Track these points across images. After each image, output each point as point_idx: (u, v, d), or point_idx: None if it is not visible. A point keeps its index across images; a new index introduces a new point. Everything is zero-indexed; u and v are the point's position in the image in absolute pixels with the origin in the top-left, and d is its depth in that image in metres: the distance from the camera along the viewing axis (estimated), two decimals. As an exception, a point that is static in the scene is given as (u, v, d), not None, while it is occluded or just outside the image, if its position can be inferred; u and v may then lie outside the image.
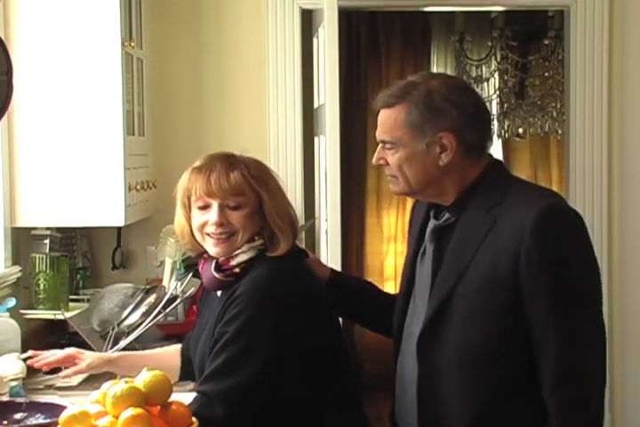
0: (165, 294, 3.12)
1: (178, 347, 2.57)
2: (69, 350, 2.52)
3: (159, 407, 1.94)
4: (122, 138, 3.21)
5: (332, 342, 2.22)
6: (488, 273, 1.99)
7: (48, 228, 3.34)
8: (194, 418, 1.96)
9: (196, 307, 3.40)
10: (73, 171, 3.19)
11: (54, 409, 2.09)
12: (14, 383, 2.61)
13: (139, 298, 3.13)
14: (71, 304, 3.30)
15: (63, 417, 1.90)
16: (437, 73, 2.23)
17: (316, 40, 3.97)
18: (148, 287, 3.22)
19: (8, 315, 2.90)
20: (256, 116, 3.83)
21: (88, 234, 3.73)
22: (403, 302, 2.21)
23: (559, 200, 2.07)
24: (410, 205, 6.87)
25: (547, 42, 5.50)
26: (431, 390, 2.06)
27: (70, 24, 3.18)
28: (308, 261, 2.35)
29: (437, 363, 2.05)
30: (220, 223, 2.19)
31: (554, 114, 5.63)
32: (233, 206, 2.19)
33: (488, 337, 2.00)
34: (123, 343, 2.96)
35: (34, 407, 2.18)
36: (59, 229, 3.43)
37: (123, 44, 3.22)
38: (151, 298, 3.13)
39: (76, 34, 3.18)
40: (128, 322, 3.06)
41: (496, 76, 5.89)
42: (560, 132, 5.54)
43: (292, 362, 2.12)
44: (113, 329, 3.01)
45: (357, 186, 6.37)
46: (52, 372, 3.00)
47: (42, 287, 3.18)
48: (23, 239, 3.33)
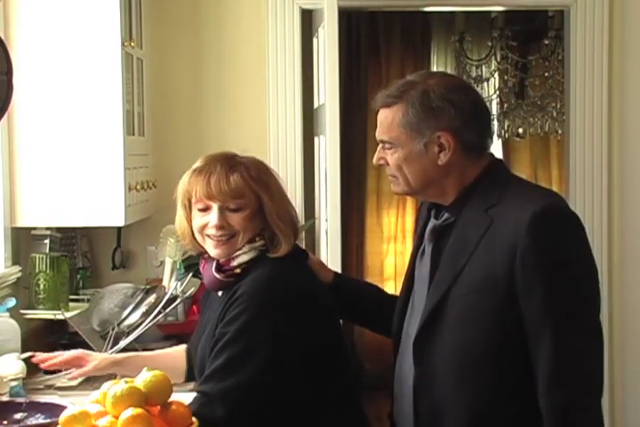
0: (165, 294, 3.12)
1: (184, 347, 2.57)
2: (76, 351, 2.52)
3: (159, 407, 1.94)
4: (122, 138, 3.21)
5: (332, 342, 2.22)
6: (484, 274, 1.98)
7: (48, 228, 3.34)
8: (194, 418, 1.96)
9: (196, 307, 3.40)
10: (73, 171, 3.19)
11: (54, 409, 2.09)
12: (14, 383, 2.60)
13: (139, 298, 3.13)
14: (71, 304, 3.30)
15: (63, 417, 1.90)
16: (436, 72, 2.21)
17: (315, 40, 3.97)
18: (147, 287, 3.21)
19: (8, 315, 2.90)
20: (256, 116, 3.83)
21: (88, 234, 3.73)
22: (402, 302, 2.21)
23: (556, 201, 2.04)
24: (410, 205, 6.97)
25: (547, 42, 5.50)
26: (427, 391, 2.05)
27: (70, 24, 3.17)
28: (310, 263, 2.35)
29: (433, 363, 2.04)
30: (221, 226, 2.19)
31: (554, 114, 5.63)
32: (233, 209, 2.19)
33: (484, 338, 1.98)
34: (123, 343, 2.96)
35: (34, 407, 2.18)
36: (59, 229, 3.43)
37: (123, 44, 3.21)
38: (151, 298, 3.12)
39: (76, 34, 3.18)
40: (128, 322, 3.06)
41: (496, 76, 5.89)
42: (560, 132, 5.54)
43: (292, 362, 2.12)
44: (113, 329, 3.01)
45: (357, 186, 6.37)
46: (52, 372, 3.00)
47: (42, 287, 3.18)
48: (23, 239, 3.33)
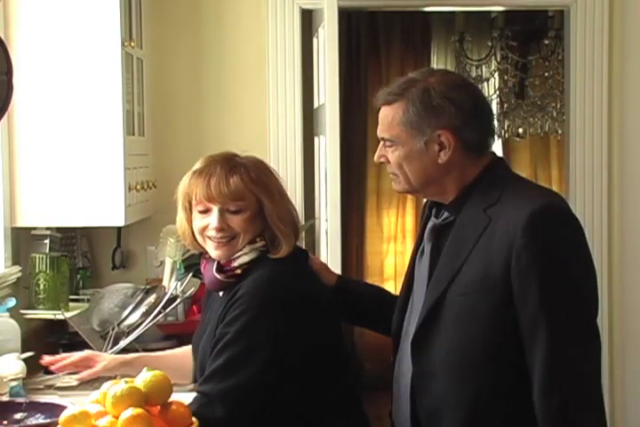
0: (165, 294, 3.12)
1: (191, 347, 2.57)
2: (84, 352, 2.52)
3: (159, 407, 1.94)
4: (122, 138, 3.21)
5: (333, 342, 2.22)
6: (481, 274, 1.97)
7: (48, 228, 3.34)
8: (194, 418, 1.96)
9: (196, 307, 3.40)
10: (73, 171, 3.19)
11: (54, 409, 2.09)
12: (14, 383, 2.60)
13: (139, 298, 3.13)
14: (71, 304, 3.29)
15: (63, 417, 1.90)
16: (437, 69, 2.18)
17: (315, 40, 3.97)
18: (148, 287, 3.21)
19: (8, 315, 2.89)
20: (256, 116, 3.83)
21: (88, 234, 3.73)
22: (402, 301, 2.21)
23: (556, 201, 2.03)
24: (410, 205, 6.96)
25: (547, 42, 5.50)
26: (424, 390, 2.05)
27: (70, 24, 3.17)
28: (313, 265, 2.35)
29: (431, 363, 2.03)
30: (221, 228, 2.19)
31: (554, 114, 5.63)
32: (233, 211, 2.19)
33: (481, 338, 1.97)
34: (123, 343, 2.96)
35: (34, 407, 2.18)
36: (59, 229, 3.43)
37: (123, 44, 3.21)
38: (151, 298, 3.12)
39: (76, 34, 3.18)
40: (128, 322, 3.06)
41: (496, 76, 5.89)
42: (560, 132, 5.54)
43: (292, 362, 2.12)
44: (113, 329, 3.01)
45: (357, 186, 6.37)
46: (52, 372, 3.00)
47: (42, 287, 3.18)
48: (23, 239, 3.33)
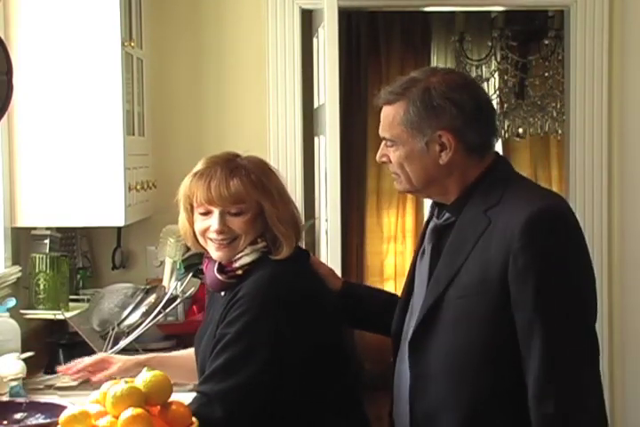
0: (165, 294, 3.12)
1: None
2: (99, 355, 2.53)
3: (159, 407, 1.94)
4: (122, 138, 3.21)
5: (333, 342, 2.22)
6: (479, 276, 1.95)
7: (48, 228, 3.34)
8: (194, 418, 1.96)
9: (196, 307, 3.41)
10: (73, 171, 3.19)
11: (54, 409, 2.09)
12: (14, 383, 2.61)
13: (139, 298, 3.13)
14: (71, 304, 3.29)
15: (63, 417, 1.90)
16: (440, 69, 2.14)
17: (315, 40, 3.97)
18: (148, 287, 3.21)
19: (8, 315, 2.90)
20: (256, 116, 3.83)
21: (88, 234, 3.73)
22: (403, 302, 2.20)
23: (554, 203, 2.00)
24: (410, 205, 6.95)
25: (547, 42, 5.50)
26: (422, 392, 2.04)
27: (70, 24, 3.17)
28: (319, 270, 2.35)
29: (428, 364, 2.02)
30: (221, 231, 2.19)
31: (554, 114, 5.63)
32: (234, 213, 2.19)
33: (478, 341, 1.96)
34: (123, 343, 2.96)
35: (34, 407, 2.18)
36: (59, 229, 3.43)
37: (123, 44, 3.21)
38: (151, 298, 3.12)
39: (76, 34, 3.18)
40: (128, 322, 3.06)
41: (496, 76, 5.89)
42: (560, 132, 5.54)
43: (293, 362, 2.12)
44: (113, 329, 3.01)
45: (357, 186, 6.37)
46: (52, 372, 3.01)
47: (42, 287, 3.18)
48: (23, 239, 3.33)
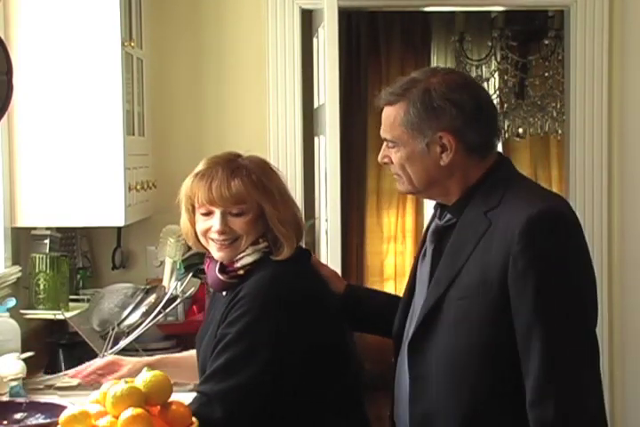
0: (165, 294, 3.12)
1: None
2: (108, 357, 2.52)
3: (159, 407, 1.94)
4: (122, 138, 3.21)
5: (334, 342, 2.22)
6: (479, 278, 1.95)
7: (48, 228, 3.34)
8: (194, 418, 1.96)
9: (196, 307, 3.41)
10: (73, 171, 3.19)
11: (54, 409, 2.09)
12: (14, 383, 2.60)
13: (139, 298, 3.12)
14: (71, 304, 3.29)
15: (63, 417, 1.90)
16: (440, 69, 2.12)
17: (315, 40, 3.97)
18: (148, 287, 3.21)
19: (8, 315, 2.90)
20: (256, 116, 3.83)
21: (88, 234, 3.73)
22: (405, 302, 2.19)
23: (554, 205, 1.98)
24: (410, 205, 6.95)
25: (547, 42, 5.50)
26: (421, 393, 2.04)
27: (70, 24, 3.17)
28: (323, 272, 2.35)
29: (427, 366, 2.02)
30: (223, 231, 2.19)
31: (554, 114, 5.63)
32: (235, 213, 2.19)
33: (478, 343, 1.95)
34: (123, 343, 2.96)
35: (34, 407, 2.18)
36: (59, 229, 3.43)
37: (123, 44, 3.21)
38: (151, 298, 3.12)
39: (76, 34, 3.17)
40: (128, 322, 3.06)
41: (496, 76, 5.89)
42: (560, 132, 5.54)
43: (294, 363, 2.12)
44: (113, 329, 3.01)
45: (357, 186, 6.37)
46: (52, 372, 3.01)
47: (42, 287, 3.17)
48: (23, 239, 3.32)
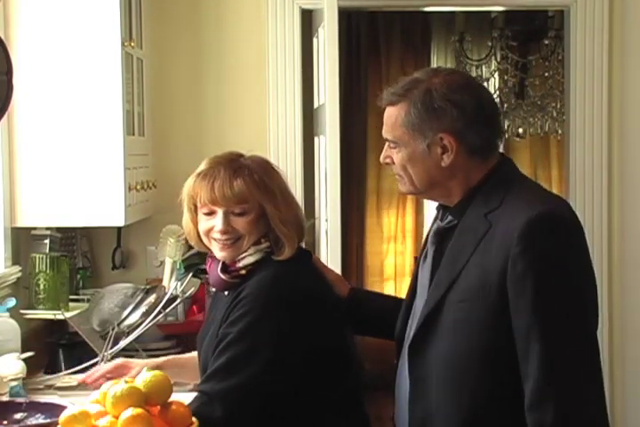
0: (165, 294, 3.12)
1: None
2: (117, 360, 2.52)
3: (159, 407, 1.94)
4: (122, 138, 3.21)
5: (336, 343, 2.23)
6: (479, 281, 1.93)
7: (48, 228, 3.34)
8: (194, 418, 1.96)
9: (196, 307, 3.41)
10: (73, 171, 3.19)
11: (54, 409, 2.09)
12: (14, 383, 2.60)
13: (139, 298, 3.12)
14: (71, 304, 3.29)
15: (63, 417, 1.90)
16: (442, 69, 2.11)
17: (315, 40, 3.97)
18: (148, 287, 3.21)
19: (8, 315, 2.89)
20: (256, 116, 3.83)
21: (88, 234, 3.73)
22: (407, 304, 2.18)
23: (555, 207, 1.97)
24: (410, 205, 6.95)
25: (547, 42, 5.50)
26: (421, 396, 2.03)
27: (70, 24, 3.17)
28: (328, 276, 2.35)
29: (427, 369, 2.01)
30: (225, 231, 2.19)
31: (554, 114, 5.63)
32: (238, 213, 2.19)
33: (477, 346, 1.94)
34: (123, 343, 2.96)
35: (34, 407, 2.18)
36: (59, 229, 3.43)
37: (123, 44, 3.21)
38: (151, 298, 3.12)
39: (76, 34, 3.17)
40: (128, 322, 3.06)
41: (496, 76, 5.90)
42: (560, 132, 5.55)
43: (295, 362, 2.12)
44: (113, 329, 3.01)
45: (357, 186, 6.37)
46: (52, 372, 3.01)
47: (42, 287, 3.17)
48: (23, 239, 3.32)
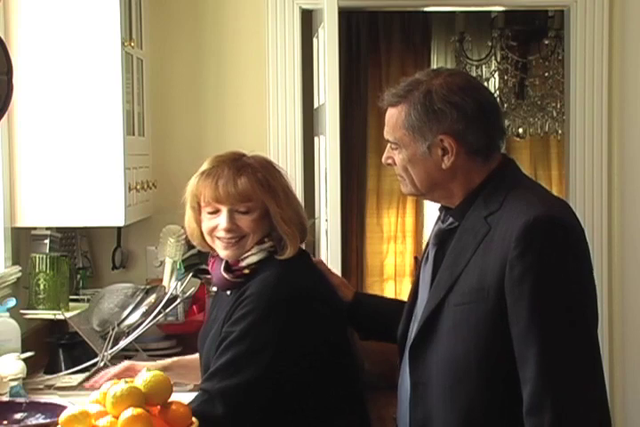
0: (165, 294, 3.12)
1: None
2: (125, 363, 2.52)
3: (159, 407, 1.94)
4: (122, 138, 3.21)
5: (338, 342, 2.23)
6: (477, 284, 1.93)
7: (48, 228, 3.34)
8: (194, 418, 1.96)
9: (196, 307, 3.41)
10: (73, 171, 3.19)
11: (54, 409, 2.08)
12: (14, 383, 2.60)
13: (139, 298, 3.13)
14: (71, 304, 3.29)
15: (63, 417, 1.90)
16: (444, 70, 2.09)
17: (315, 40, 3.97)
18: (147, 287, 3.21)
19: (8, 315, 2.90)
20: (256, 116, 3.82)
21: (88, 234, 3.73)
22: (409, 306, 2.17)
23: (553, 210, 1.95)
24: (410, 205, 6.95)
25: (547, 42, 5.51)
26: (421, 399, 2.03)
27: (70, 24, 3.17)
28: (332, 280, 2.35)
29: (427, 372, 2.01)
30: (230, 229, 2.20)
31: (554, 114, 5.64)
32: (242, 211, 2.20)
33: (475, 350, 1.93)
34: (123, 343, 2.96)
35: (34, 407, 2.18)
36: (59, 229, 3.43)
37: (123, 44, 3.21)
38: (151, 298, 3.12)
39: (76, 34, 3.17)
40: (128, 322, 3.06)
41: (496, 76, 5.90)
42: (560, 132, 5.55)
43: (298, 362, 2.12)
44: (113, 329, 3.01)
45: (357, 186, 6.38)
46: (52, 372, 3.01)
47: (42, 287, 3.17)
48: (23, 239, 3.32)
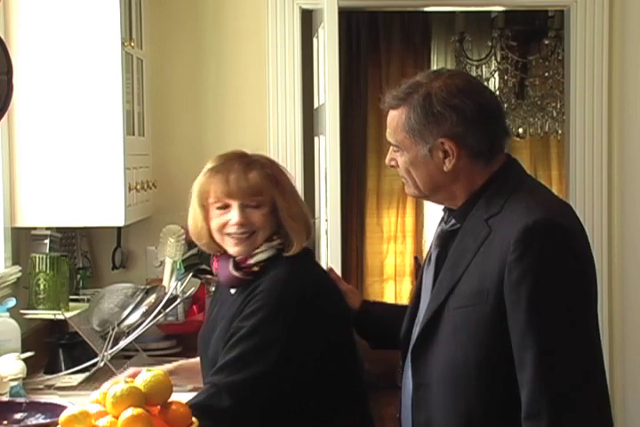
0: (165, 294, 3.12)
1: None
2: (130, 370, 2.52)
3: (159, 407, 1.94)
4: (122, 138, 3.21)
5: (344, 339, 2.24)
6: (477, 287, 1.92)
7: (48, 228, 3.34)
8: (194, 418, 1.96)
9: (196, 307, 3.41)
10: (73, 171, 3.19)
11: (54, 409, 2.08)
12: (14, 383, 2.60)
13: (139, 298, 3.13)
14: (71, 304, 3.29)
15: (63, 417, 1.90)
16: (444, 71, 2.09)
17: (315, 40, 3.97)
18: (147, 287, 3.21)
19: (8, 315, 2.90)
20: (256, 115, 3.82)
21: (88, 234, 3.73)
22: (412, 309, 2.16)
23: (554, 213, 1.94)
24: (410, 205, 6.95)
25: (547, 42, 5.51)
26: (423, 401, 2.03)
27: (70, 24, 3.17)
28: (341, 287, 2.35)
29: (428, 374, 2.01)
30: (242, 223, 2.20)
31: (554, 114, 5.64)
32: (253, 205, 2.21)
33: (475, 353, 1.93)
34: (123, 343, 2.96)
35: (34, 407, 2.18)
36: (59, 229, 3.43)
37: (123, 44, 3.21)
38: (151, 298, 3.12)
39: (76, 34, 3.17)
40: (128, 322, 3.06)
41: (496, 76, 5.90)
42: (560, 132, 5.55)
43: (305, 359, 2.13)
44: (113, 329, 3.01)
45: (357, 186, 6.38)
46: (52, 372, 3.01)
47: (42, 287, 3.17)
48: (23, 239, 3.32)
